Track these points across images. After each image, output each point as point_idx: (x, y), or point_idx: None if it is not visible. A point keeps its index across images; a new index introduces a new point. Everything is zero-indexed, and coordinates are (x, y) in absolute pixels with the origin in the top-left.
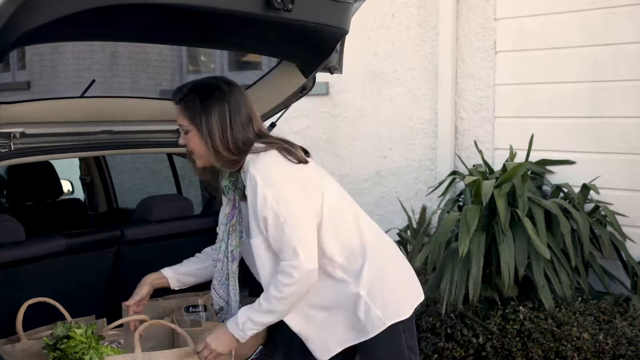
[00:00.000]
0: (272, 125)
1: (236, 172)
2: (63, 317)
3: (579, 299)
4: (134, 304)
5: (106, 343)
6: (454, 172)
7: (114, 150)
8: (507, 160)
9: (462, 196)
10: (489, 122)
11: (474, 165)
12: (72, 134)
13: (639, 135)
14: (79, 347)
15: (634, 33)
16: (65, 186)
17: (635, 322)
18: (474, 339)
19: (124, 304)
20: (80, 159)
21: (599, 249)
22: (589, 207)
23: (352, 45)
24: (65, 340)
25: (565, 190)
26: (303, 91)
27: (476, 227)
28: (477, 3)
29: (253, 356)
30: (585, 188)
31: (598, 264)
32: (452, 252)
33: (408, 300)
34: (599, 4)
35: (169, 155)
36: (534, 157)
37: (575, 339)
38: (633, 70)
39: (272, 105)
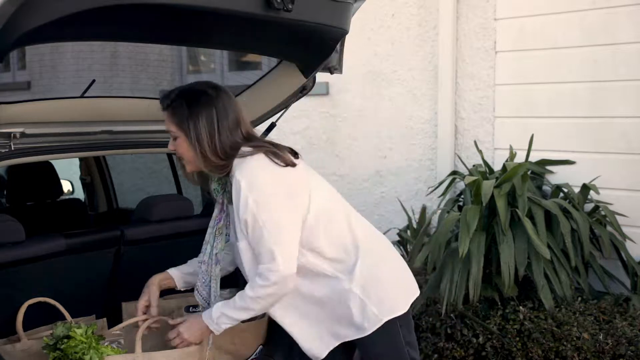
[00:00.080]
0: (272, 125)
1: (225, 176)
2: (63, 317)
3: (579, 299)
4: (144, 305)
5: (106, 343)
6: (454, 172)
7: (114, 150)
8: (507, 160)
9: (462, 196)
10: (489, 122)
11: (474, 165)
12: (72, 134)
13: (639, 135)
14: (79, 347)
15: (634, 33)
16: (65, 186)
17: (635, 322)
18: (474, 339)
19: (137, 305)
20: (80, 159)
21: (599, 249)
22: (589, 207)
23: (352, 45)
24: (65, 340)
25: (565, 190)
26: (303, 91)
27: (476, 227)
28: (477, 3)
29: (253, 356)
30: (585, 188)
31: (598, 264)
32: (452, 252)
33: (403, 296)
34: (599, 4)
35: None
36: (534, 157)
37: (575, 339)
38: (633, 70)
39: (272, 105)
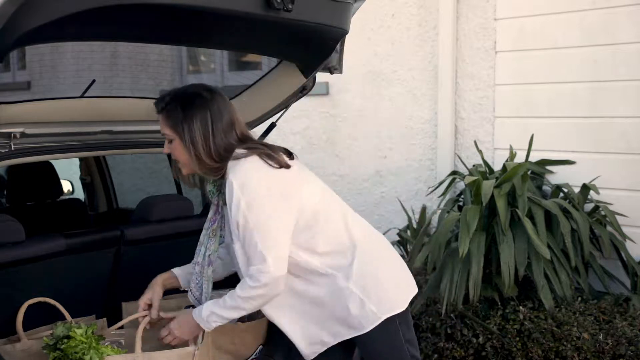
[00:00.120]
0: (272, 125)
1: (220, 178)
2: (63, 317)
3: (579, 299)
4: (145, 303)
5: (107, 343)
6: (454, 172)
7: (114, 150)
8: (507, 160)
9: (462, 196)
10: (489, 122)
11: (474, 165)
12: (72, 134)
13: (639, 135)
14: (79, 347)
15: (634, 33)
16: (66, 186)
17: (635, 322)
18: (474, 339)
19: (139, 302)
20: (80, 159)
21: (599, 249)
22: (588, 207)
23: (352, 45)
24: (65, 340)
25: (565, 190)
26: (303, 91)
27: (476, 227)
28: (477, 3)
29: (253, 356)
30: (585, 188)
31: (598, 264)
32: (452, 252)
33: (402, 294)
34: (599, 4)
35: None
36: (534, 157)
37: (575, 339)
38: (633, 70)
39: (272, 105)
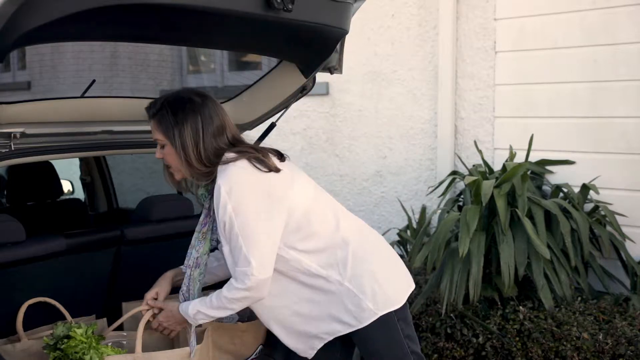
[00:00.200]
0: (272, 125)
1: (210, 182)
2: (63, 317)
3: (579, 298)
4: (151, 297)
5: (109, 343)
6: (454, 172)
7: (114, 150)
8: (507, 160)
9: (462, 196)
10: (488, 122)
11: (473, 165)
12: (72, 134)
13: (639, 135)
14: (80, 347)
15: (634, 33)
16: (66, 186)
17: (635, 322)
18: (474, 338)
19: (145, 296)
20: (81, 159)
21: (599, 248)
22: (588, 207)
23: (352, 45)
24: (65, 340)
25: (565, 190)
26: (303, 91)
27: (476, 227)
28: (477, 3)
29: (253, 356)
30: (585, 188)
31: (598, 264)
32: (452, 252)
33: (399, 290)
34: (599, 4)
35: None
36: (534, 157)
37: (575, 338)
38: (633, 70)
39: (272, 105)
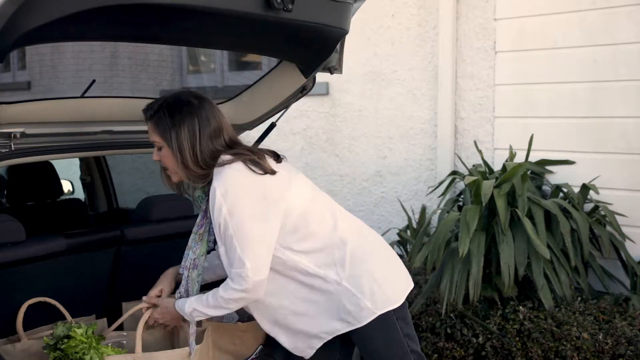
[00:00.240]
0: (272, 125)
1: (207, 184)
2: (63, 317)
3: (579, 298)
4: (155, 294)
5: (110, 343)
6: (454, 172)
7: (114, 150)
8: (506, 160)
9: (462, 196)
10: (488, 122)
11: (473, 165)
12: (72, 134)
13: (639, 135)
14: (80, 347)
15: (634, 33)
16: (66, 186)
17: (635, 322)
18: (474, 338)
19: (149, 293)
20: (81, 159)
21: (599, 248)
22: (588, 207)
23: (352, 45)
24: (65, 340)
25: (565, 190)
26: (303, 91)
27: (476, 227)
28: (477, 3)
29: (253, 356)
30: (585, 188)
31: (598, 264)
32: (452, 252)
33: (397, 289)
34: (599, 4)
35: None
36: (534, 157)
37: (574, 338)
38: (633, 70)
39: (272, 105)
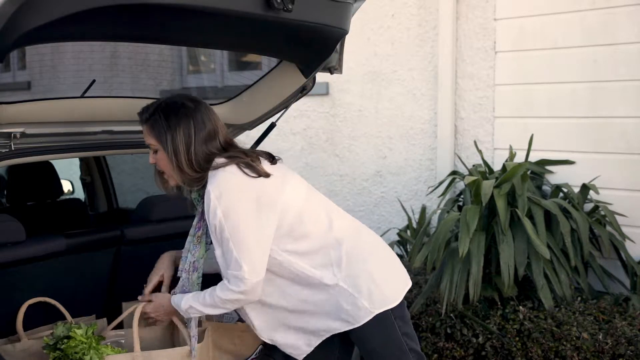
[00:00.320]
0: (272, 125)
1: (202, 188)
2: (63, 317)
3: (579, 298)
4: (157, 282)
5: (108, 343)
6: (454, 172)
7: (114, 150)
8: (506, 160)
9: (462, 196)
10: (488, 122)
11: (473, 165)
12: (72, 134)
13: (639, 135)
14: (80, 347)
15: (634, 33)
16: (66, 186)
17: (635, 322)
18: (474, 338)
19: (149, 279)
20: (81, 159)
21: (599, 248)
22: (588, 207)
23: (352, 45)
24: (65, 340)
25: (565, 190)
26: (303, 91)
27: (476, 227)
28: (477, 3)
29: (253, 356)
30: (585, 188)
31: (597, 264)
32: (452, 252)
33: (395, 288)
34: (599, 4)
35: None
36: (534, 157)
37: (574, 338)
38: (633, 70)
39: (272, 105)
